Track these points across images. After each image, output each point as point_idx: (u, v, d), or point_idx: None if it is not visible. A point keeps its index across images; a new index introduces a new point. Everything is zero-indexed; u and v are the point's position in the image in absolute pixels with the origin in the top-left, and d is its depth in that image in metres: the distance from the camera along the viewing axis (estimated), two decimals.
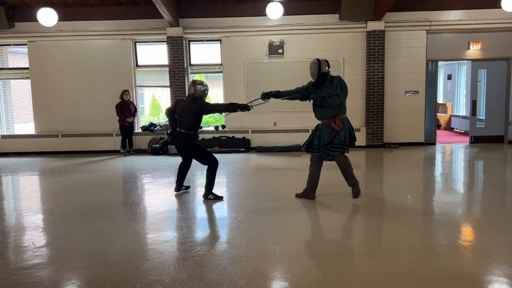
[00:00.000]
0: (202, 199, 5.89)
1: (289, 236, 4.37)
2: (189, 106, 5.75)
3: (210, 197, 5.86)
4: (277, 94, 5.83)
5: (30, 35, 10.79)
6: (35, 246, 4.24)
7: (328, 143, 5.39)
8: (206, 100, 5.94)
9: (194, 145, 5.90)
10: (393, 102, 10.70)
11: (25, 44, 11.04)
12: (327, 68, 5.43)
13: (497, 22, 10.33)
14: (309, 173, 5.73)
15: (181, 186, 6.36)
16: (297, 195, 5.84)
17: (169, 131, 6.16)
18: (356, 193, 5.49)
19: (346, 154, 5.54)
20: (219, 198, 5.87)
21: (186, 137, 5.81)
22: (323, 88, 5.45)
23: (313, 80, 5.56)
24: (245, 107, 5.72)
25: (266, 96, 5.75)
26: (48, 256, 4.01)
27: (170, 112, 6.14)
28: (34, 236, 4.60)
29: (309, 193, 5.73)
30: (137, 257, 3.89)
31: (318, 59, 5.49)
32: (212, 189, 5.92)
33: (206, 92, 5.89)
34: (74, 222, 5.08)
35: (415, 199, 5.91)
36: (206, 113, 6.07)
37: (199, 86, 5.81)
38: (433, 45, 10.64)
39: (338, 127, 5.37)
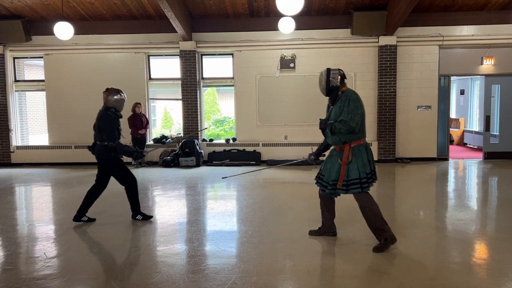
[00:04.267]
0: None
1: (299, 251, 4.33)
2: (98, 116, 5.36)
3: (138, 217, 5.54)
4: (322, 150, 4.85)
5: (46, 48, 11.02)
6: (47, 257, 4.27)
7: (335, 181, 4.32)
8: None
9: (109, 157, 5.29)
10: (405, 116, 10.65)
11: (41, 57, 11.28)
12: (338, 79, 4.36)
13: (510, 37, 10.28)
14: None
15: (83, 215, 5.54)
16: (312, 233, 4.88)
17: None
18: (379, 248, 4.27)
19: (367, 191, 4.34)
20: (148, 218, 5.56)
21: (100, 149, 5.29)
22: (334, 106, 4.42)
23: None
24: (139, 155, 5.44)
25: (316, 157, 4.91)
26: (59, 267, 4.03)
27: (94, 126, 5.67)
28: (45, 246, 4.63)
29: (328, 232, 4.81)
30: (147, 270, 3.89)
31: (328, 69, 4.41)
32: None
33: (122, 102, 5.37)
34: (85, 233, 5.11)
35: (428, 215, 5.82)
36: (103, 132, 5.25)
37: (112, 96, 5.30)
38: (446, 60, 10.61)
39: (346, 161, 4.26)
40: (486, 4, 10.07)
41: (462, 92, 14.88)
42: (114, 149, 5.19)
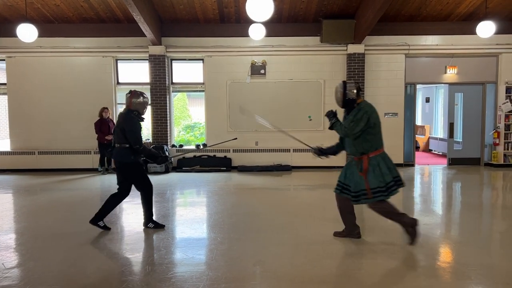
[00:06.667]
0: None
1: (269, 257, 4.31)
2: (120, 119, 5.22)
3: (150, 225, 5.40)
4: (330, 152, 4.98)
5: (8, 50, 10.65)
6: (5, 267, 4.08)
7: (364, 191, 4.44)
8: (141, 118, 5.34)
9: (129, 160, 5.15)
10: None
11: (3, 60, 10.87)
12: (355, 92, 4.48)
13: (472, 47, 10.68)
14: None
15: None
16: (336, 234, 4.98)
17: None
18: (411, 238, 4.52)
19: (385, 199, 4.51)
20: (161, 226, 5.41)
21: (120, 151, 5.15)
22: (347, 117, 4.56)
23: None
24: (163, 159, 5.37)
25: (321, 153, 4.98)
26: (19, 277, 3.85)
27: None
28: (4, 256, 4.42)
29: (353, 233, 4.90)
30: (112, 279, 3.78)
31: (344, 82, 4.55)
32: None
33: (145, 105, 5.34)
34: (48, 242, 4.92)
35: None
36: (128, 136, 5.09)
37: (136, 99, 5.22)
38: (412, 68, 10.90)
39: (363, 171, 4.41)
40: (449, 15, 10.43)
41: (427, 100, 15.32)
42: (140, 152, 5.11)
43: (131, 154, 5.10)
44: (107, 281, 3.74)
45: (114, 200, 5.27)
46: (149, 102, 5.29)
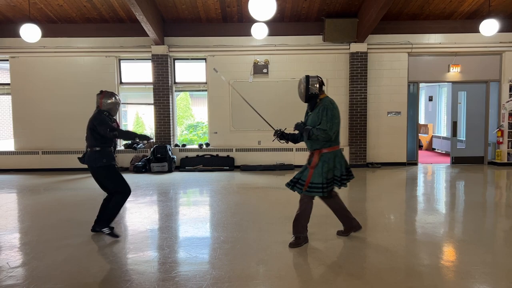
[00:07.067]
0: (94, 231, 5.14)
1: (272, 256, 4.32)
2: (90, 120, 5.00)
3: (106, 230, 5.03)
4: (291, 138, 4.90)
5: (12, 50, 10.69)
6: (10, 267, 4.10)
7: (302, 182, 4.47)
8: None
9: (101, 163, 4.94)
10: (376, 122, 10.85)
11: (7, 60, 10.91)
12: (317, 87, 4.49)
13: (476, 46, 10.65)
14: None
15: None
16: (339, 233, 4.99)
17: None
18: (294, 244, 4.55)
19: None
20: (116, 236, 5.01)
21: (91, 155, 4.96)
22: (312, 113, 4.54)
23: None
24: (145, 137, 5.07)
25: (282, 136, 4.88)
26: (23, 276, 3.87)
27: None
28: (9, 256, 4.44)
29: (351, 228, 4.91)
30: (116, 278, 3.79)
31: (307, 76, 4.53)
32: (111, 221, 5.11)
33: (117, 106, 5.10)
34: (51, 241, 4.93)
35: (398, 219, 5.92)
36: (100, 130, 4.88)
37: (107, 99, 5.02)
38: (415, 67, 10.88)
39: (314, 166, 4.42)
40: (452, 14, 10.40)
41: (430, 99, 15.29)
42: (118, 137, 4.89)
43: (102, 157, 4.92)
44: (111, 280, 3.75)
45: (117, 201, 5.06)
46: (121, 103, 5.12)
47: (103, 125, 4.84)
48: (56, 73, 10.82)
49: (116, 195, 5.05)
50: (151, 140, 5.10)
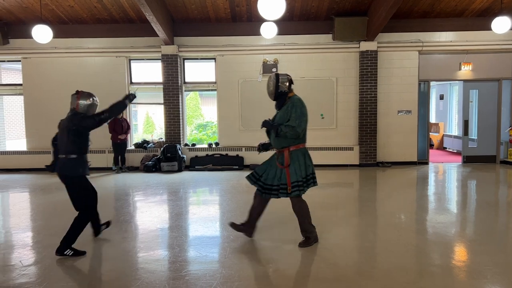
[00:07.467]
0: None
1: (282, 255, 4.31)
2: (65, 123, 4.50)
3: (68, 252, 4.37)
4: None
5: (24, 51, 10.82)
6: (23, 265, 4.16)
7: (284, 185, 4.41)
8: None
9: (77, 173, 4.43)
10: (386, 121, 10.78)
11: (19, 61, 11.05)
12: (287, 85, 4.49)
13: (487, 43, 10.52)
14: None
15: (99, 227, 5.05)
16: (232, 225, 4.89)
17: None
18: (303, 244, 4.53)
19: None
20: (81, 254, 4.40)
21: (66, 163, 4.42)
22: (280, 111, 4.52)
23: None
24: (129, 97, 4.67)
25: (263, 148, 4.99)
26: (36, 275, 3.92)
27: (54, 139, 4.90)
28: (22, 254, 4.51)
29: (248, 229, 4.86)
30: (127, 277, 3.82)
31: (276, 74, 4.52)
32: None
33: (94, 108, 4.67)
34: None
35: (409, 219, 5.88)
36: (87, 128, 4.47)
37: (84, 100, 4.55)
38: (425, 66, 10.79)
39: (287, 165, 4.38)
40: (464, 11, 10.29)
41: (441, 97, 15.15)
42: (109, 116, 4.47)
43: (79, 165, 4.42)
44: (122, 279, 3.78)
45: (81, 219, 4.46)
46: (98, 104, 4.76)
47: (87, 118, 4.43)
48: (68, 73, 10.93)
49: (80, 213, 4.47)
50: (133, 93, 4.72)
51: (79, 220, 4.44)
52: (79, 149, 4.46)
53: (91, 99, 4.62)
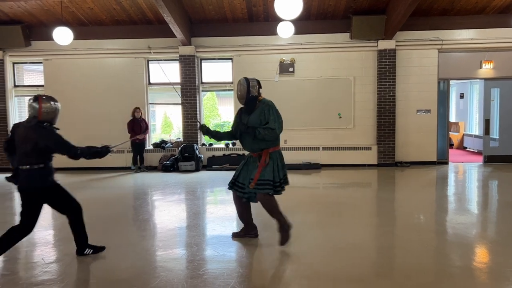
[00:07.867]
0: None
1: (299, 255, 4.31)
2: (28, 134, 4.04)
3: (88, 251, 4.37)
4: (214, 134, 4.83)
5: (45, 53, 11.04)
6: (45, 262, 4.25)
7: (251, 180, 4.42)
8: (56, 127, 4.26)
9: (48, 183, 4.10)
10: (405, 120, 10.64)
11: (41, 62, 11.28)
12: (257, 89, 4.52)
13: (509, 41, 10.29)
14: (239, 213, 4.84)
15: None
16: (235, 235, 4.97)
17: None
18: (283, 239, 4.50)
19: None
20: (100, 250, 4.44)
21: (34, 174, 4.00)
22: (252, 114, 4.49)
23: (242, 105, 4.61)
24: (105, 151, 4.42)
25: (205, 131, 4.79)
26: (58, 272, 4.01)
27: (7, 145, 4.39)
28: (44, 252, 4.61)
29: (249, 231, 4.91)
30: (146, 275, 3.86)
31: (246, 79, 4.50)
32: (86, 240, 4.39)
33: (57, 113, 4.25)
34: None
35: (428, 219, 5.81)
36: (58, 152, 4.14)
37: (47, 106, 4.13)
38: (445, 64, 10.61)
39: (263, 163, 4.38)
40: (485, 8, 10.09)
41: (461, 96, 14.89)
42: (82, 156, 4.22)
43: (48, 174, 4.09)
44: (141, 277, 3.83)
45: (15, 236, 4.07)
46: (60, 109, 4.38)
47: (63, 144, 4.09)
48: (87, 74, 11.11)
49: (71, 215, 4.30)
50: (112, 149, 4.56)
51: (74, 221, 4.31)
52: (47, 158, 4.09)
53: (53, 104, 4.20)
